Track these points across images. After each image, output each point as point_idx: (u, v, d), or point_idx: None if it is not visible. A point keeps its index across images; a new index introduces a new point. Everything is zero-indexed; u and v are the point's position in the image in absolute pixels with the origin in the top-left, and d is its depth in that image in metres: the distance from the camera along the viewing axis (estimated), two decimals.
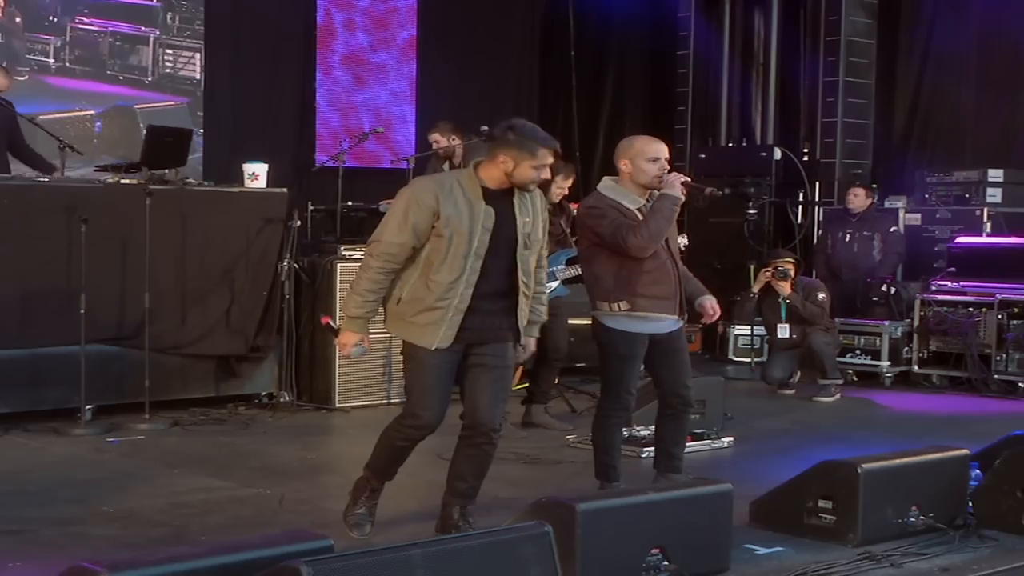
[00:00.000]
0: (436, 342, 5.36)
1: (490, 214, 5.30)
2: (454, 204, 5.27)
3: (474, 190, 5.32)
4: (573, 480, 7.10)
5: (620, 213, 6.08)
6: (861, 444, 8.30)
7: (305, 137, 12.91)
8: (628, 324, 6.15)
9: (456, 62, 13.70)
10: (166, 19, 11.96)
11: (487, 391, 5.51)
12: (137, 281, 8.53)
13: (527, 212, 5.42)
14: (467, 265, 5.30)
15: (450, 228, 5.26)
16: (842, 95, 13.14)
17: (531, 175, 5.33)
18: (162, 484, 6.80)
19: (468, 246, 5.28)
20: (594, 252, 6.21)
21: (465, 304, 5.32)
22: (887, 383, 11.07)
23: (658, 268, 6.14)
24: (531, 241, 5.43)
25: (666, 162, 6.13)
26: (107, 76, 11.62)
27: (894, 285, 11.37)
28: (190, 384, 9.03)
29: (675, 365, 6.33)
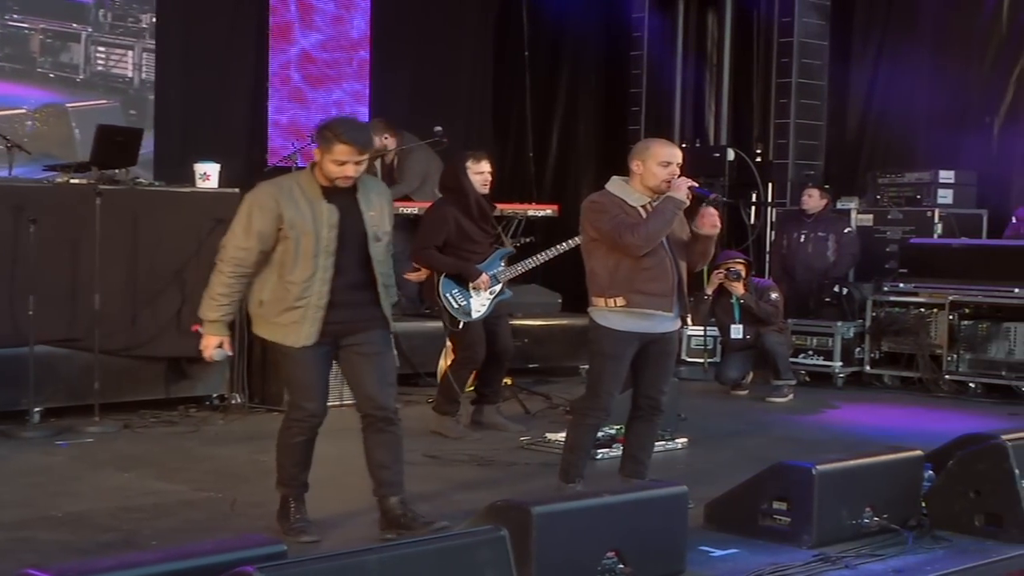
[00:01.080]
0: (301, 340, 5.51)
1: (333, 211, 5.46)
2: (295, 206, 5.43)
3: (313, 190, 5.48)
4: (528, 481, 7.08)
5: (622, 210, 6.08)
6: (815, 445, 8.34)
7: (257, 137, 12.80)
8: (620, 322, 6.13)
9: (410, 61, 13.64)
10: (98, 16, 11.81)
11: (370, 377, 5.66)
12: (87, 282, 8.44)
13: (372, 206, 5.59)
14: (319, 263, 5.45)
15: (295, 230, 5.42)
16: (795, 96, 13.17)
17: (333, 170, 5.43)
18: (112, 488, 6.72)
19: (316, 245, 5.43)
20: (593, 248, 6.20)
21: (324, 300, 5.48)
22: (839, 384, 11.11)
23: (657, 265, 6.12)
24: (381, 233, 5.60)
25: (677, 168, 6.13)
26: (37, 74, 11.42)
27: (846, 286, 11.42)
28: (140, 386, 8.94)
29: (658, 369, 6.30)
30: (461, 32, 14.33)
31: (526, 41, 14.44)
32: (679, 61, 14.14)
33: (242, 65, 12.64)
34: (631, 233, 6.03)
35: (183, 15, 12.13)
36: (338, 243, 5.48)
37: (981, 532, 5.91)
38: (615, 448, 7.55)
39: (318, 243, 5.44)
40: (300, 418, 5.72)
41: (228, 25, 12.51)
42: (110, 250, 8.49)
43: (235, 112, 12.66)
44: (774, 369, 10.35)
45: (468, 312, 8.37)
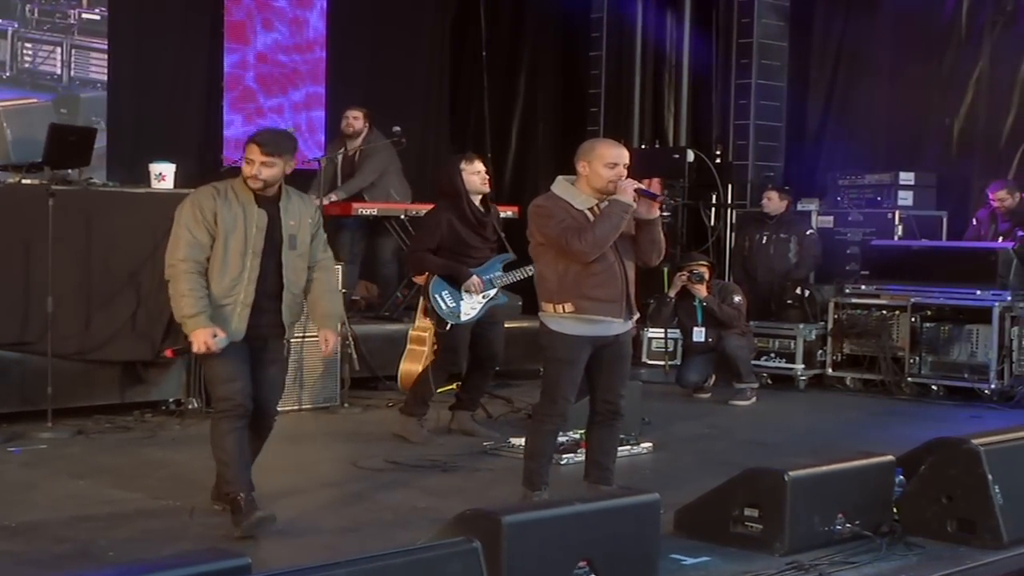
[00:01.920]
0: (232, 336, 5.80)
1: (262, 215, 5.82)
2: (229, 207, 5.79)
3: (246, 194, 5.85)
4: (492, 488, 6.96)
5: (568, 214, 5.96)
6: (780, 449, 8.28)
7: (211, 137, 12.61)
8: (571, 327, 6.02)
9: (367, 62, 13.50)
10: (25, 12, 11.54)
11: (265, 378, 6.01)
12: (39, 284, 8.25)
13: (293, 215, 5.91)
14: (246, 263, 5.80)
15: (226, 229, 5.76)
16: (754, 97, 13.13)
17: (244, 169, 5.86)
18: (66, 496, 6.54)
19: (244, 245, 5.78)
20: (540, 252, 6.09)
21: (250, 299, 5.83)
22: (801, 386, 11.05)
23: (605, 270, 6.01)
24: (297, 243, 5.92)
25: (624, 168, 6.01)
26: None
27: (808, 288, 11.37)
28: (95, 391, 8.75)
29: (613, 372, 6.19)
30: (418, 33, 14.19)
31: (484, 42, 14.34)
32: (638, 62, 14.06)
33: (196, 64, 12.45)
34: (578, 239, 5.91)
35: (135, 12, 11.91)
36: (264, 245, 5.83)
37: (954, 538, 5.84)
38: (579, 453, 7.44)
39: (246, 242, 5.78)
40: (227, 408, 5.89)
41: (181, 23, 12.31)
42: (63, 252, 8.31)
43: (189, 112, 12.46)
44: (735, 372, 10.28)
45: (457, 314, 8.24)
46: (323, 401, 9.46)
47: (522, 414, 9.32)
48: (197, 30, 12.43)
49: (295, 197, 6.03)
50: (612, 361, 6.16)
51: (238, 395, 5.85)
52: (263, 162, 5.77)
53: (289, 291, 5.95)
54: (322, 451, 8.08)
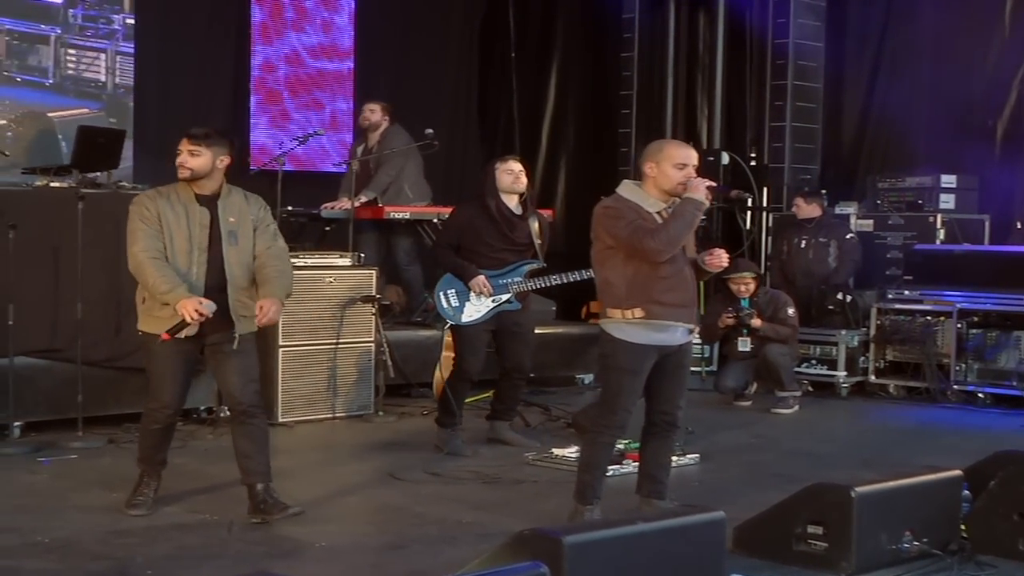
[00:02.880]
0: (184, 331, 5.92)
1: (204, 213, 6.02)
2: (172, 207, 6.01)
3: (188, 195, 6.07)
4: (538, 501, 6.74)
5: (638, 215, 5.76)
6: (829, 460, 8.06)
7: (238, 139, 12.40)
8: (637, 334, 5.82)
9: (395, 63, 13.29)
10: (68, 17, 11.34)
11: (232, 374, 6.13)
12: (68, 290, 8.07)
13: (232, 212, 6.09)
14: (193, 259, 5.99)
15: (170, 228, 5.97)
16: (791, 99, 12.88)
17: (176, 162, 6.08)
18: (100, 509, 6.34)
19: (190, 242, 5.98)
20: (608, 256, 5.88)
21: (200, 295, 5.93)
22: (843, 393, 10.79)
23: (675, 274, 5.82)
24: (238, 238, 6.07)
25: (693, 169, 5.81)
26: (3, 77, 10.92)
27: (850, 293, 11.11)
28: (124, 399, 8.51)
29: (674, 382, 6.01)
30: (447, 34, 14.00)
31: (513, 43, 14.13)
32: (670, 63, 13.80)
33: (222, 67, 12.26)
34: (651, 238, 5.71)
35: (161, 15, 11.73)
36: (209, 241, 6.01)
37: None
38: (625, 464, 7.23)
39: (191, 240, 5.98)
40: (155, 408, 6.19)
41: (207, 26, 12.13)
42: (92, 257, 8.11)
43: (214, 115, 12.23)
44: (777, 380, 10.03)
45: (457, 316, 8.01)
46: (357, 409, 9.25)
47: (560, 423, 9.11)
48: (223, 32, 12.25)
49: (237, 195, 6.19)
50: (674, 371, 5.97)
51: (164, 397, 6.13)
52: (190, 151, 6.00)
53: (233, 285, 6.06)
54: (359, 462, 7.85)
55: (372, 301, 9.27)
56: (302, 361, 9.01)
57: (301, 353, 9.01)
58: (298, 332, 8.98)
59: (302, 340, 9.01)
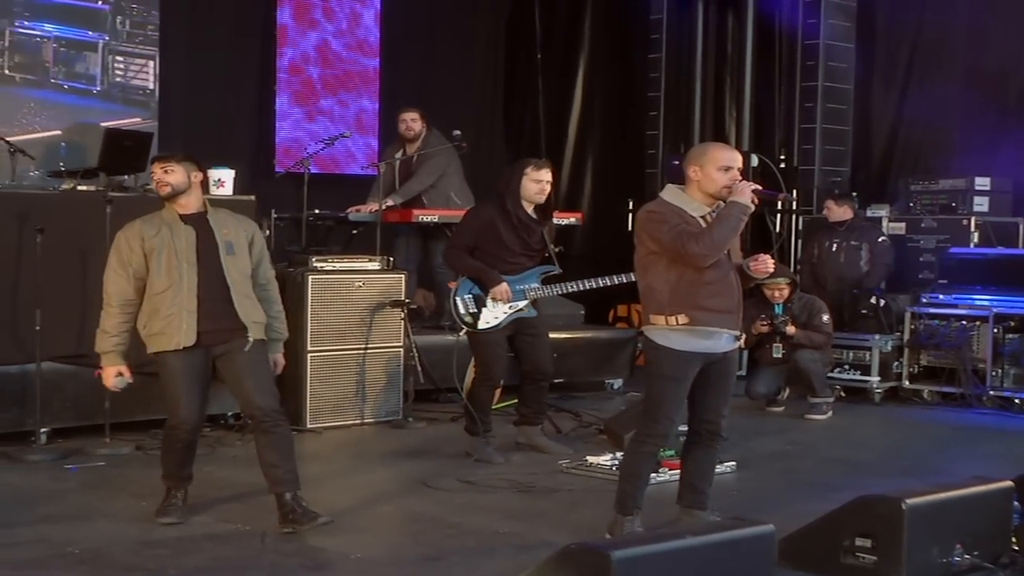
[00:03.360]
0: (182, 341, 6.00)
1: (190, 230, 6.09)
2: (155, 230, 6.09)
3: (171, 217, 6.14)
4: (575, 510, 6.61)
5: (682, 220, 5.64)
6: (868, 468, 7.91)
7: (264, 141, 12.32)
8: (682, 341, 5.68)
9: (420, 64, 13.20)
10: (115, 24, 11.24)
11: (247, 382, 6.09)
12: (95, 295, 7.88)
13: (225, 225, 6.18)
14: (182, 273, 6.01)
15: (156, 248, 6.04)
16: (821, 100, 12.72)
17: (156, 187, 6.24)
18: (130, 519, 6.23)
19: (176, 257, 6.02)
20: (651, 261, 5.74)
21: (193, 305, 6.00)
22: (876, 399, 10.63)
23: (720, 279, 5.69)
24: (235, 248, 6.14)
25: (738, 172, 5.69)
26: (51, 85, 10.82)
27: (884, 297, 10.95)
28: (151, 404, 8.33)
29: (718, 391, 5.88)
30: (472, 34, 13.89)
31: (539, 43, 14.02)
32: (698, 64, 13.65)
33: (247, 68, 12.18)
34: (695, 242, 5.58)
35: (186, 15, 11.64)
36: (197, 255, 6.05)
37: None
38: (662, 472, 7.09)
39: (178, 255, 6.03)
40: (174, 426, 6.15)
41: (232, 26, 12.04)
42: None
43: (240, 117, 12.19)
44: (809, 387, 9.89)
45: (474, 322, 7.87)
46: (386, 415, 9.13)
47: (592, 429, 8.99)
48: (248, 33, 12.17)
49: (225, 214, 6.30)
50: (718, 379, 5.84)
51: (182, 413, 6.09)
52: (163, 168, 6.13)
53: (236, 291, 6.10)
54: (390, 469, 7.73)
55: (401, 305, 9.15)
56: (331, 366, 8.90)
57: (330, 358, 8.89)
58: (327, 337, 8.87)
59: (331, 345, 8.89)
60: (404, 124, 10.59)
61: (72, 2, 10.94)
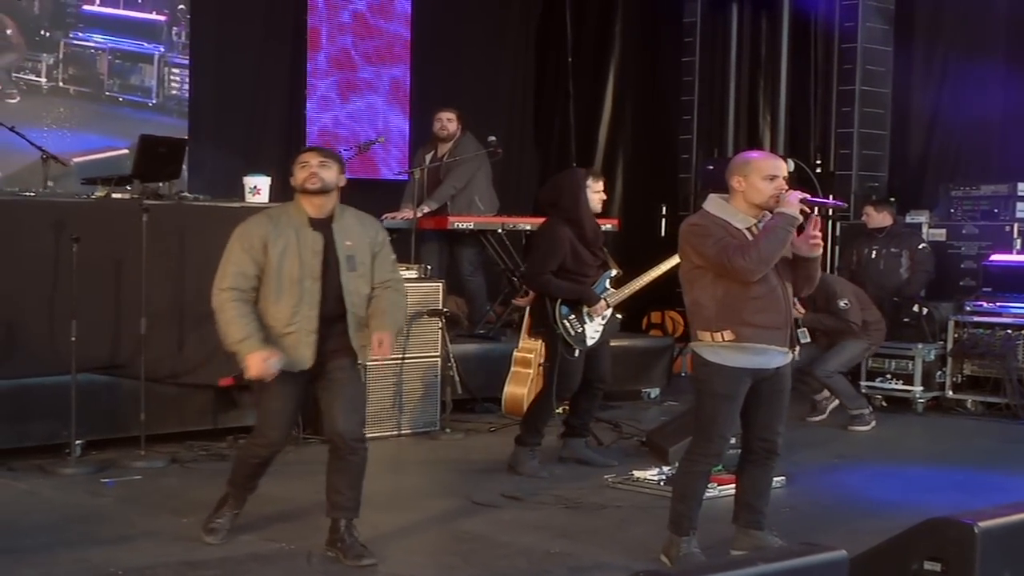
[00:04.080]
0: (300, 363, 5.62)
1: (317, 238, 5.61)
2: (280, 232, 5.59)
3: (300, 217, 5.65)
4: (626, 528, 6.45)
5: (727, 232, 5.46)
6: (921, 483, 7.76)
7: (293, 147, 12.14)
8: (730, 358, 5.51)
9: (450, 67, 13.06)
10: (171, 35, 11.09)
11: (338, 407, 5.72)
12: (131, 304, 7.84)
13: (349, 235, 5.69)
14: (305, 288, 5.57)
15: (278, 255, 5.57)
16: (859, 104, 12.53)
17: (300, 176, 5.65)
18: (172, 538, 6.06)
19: (300, 270, 5.56)
20: (696, 276, 5.57)
21: (314, 326, 5.59)
22: (919, 409, 10.43)
23: (767, 294, 5.50)
24: (356, 263, 5.67)
25: (784, 181, 5.51)
26: (105, 98, 10.69)
27: (926, 305, 10.75)
28: (187, 416, 8.31)
29: (772, 408, 5.70)
30: (502, 39, 13.79)
31: (569, 47, 13.87)
32: (732, 68, 13.48)
33: (277, 74, 12.08)
34: (741, 256, 5.39)
35: (216, 22, 11.50)
36: (322, 269, 5.60)
37: None
38: (710, 488, 6.87)
39: (302, 268, 5.57)
40: (261, 444, 5.89)
41: (262, 32, 11.91)
42: (155, 270, 7.88)
43: (270, 123, 12.05)
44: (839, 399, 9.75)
45: (584, 340, 7.76)
46: (423, 426, 8.97)
47: (634, 440, 8.82)
48: (279, 38, 12.05)
49: (351, 217, 5.80)
50: (771, 396, 5.66)
51: (273, 434, 5.82)
52: (320, 161, 5.65)
53: (353, 313, 5.70)
54: (432, 483, 7.59)
55: (439, 315, 9.00)
56: (367, 377, 8.73)
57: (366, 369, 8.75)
58: None
59: None
60: (439, 123, 10.46)
61: (128, 14, 10.82)
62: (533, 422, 7.81)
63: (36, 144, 8.62)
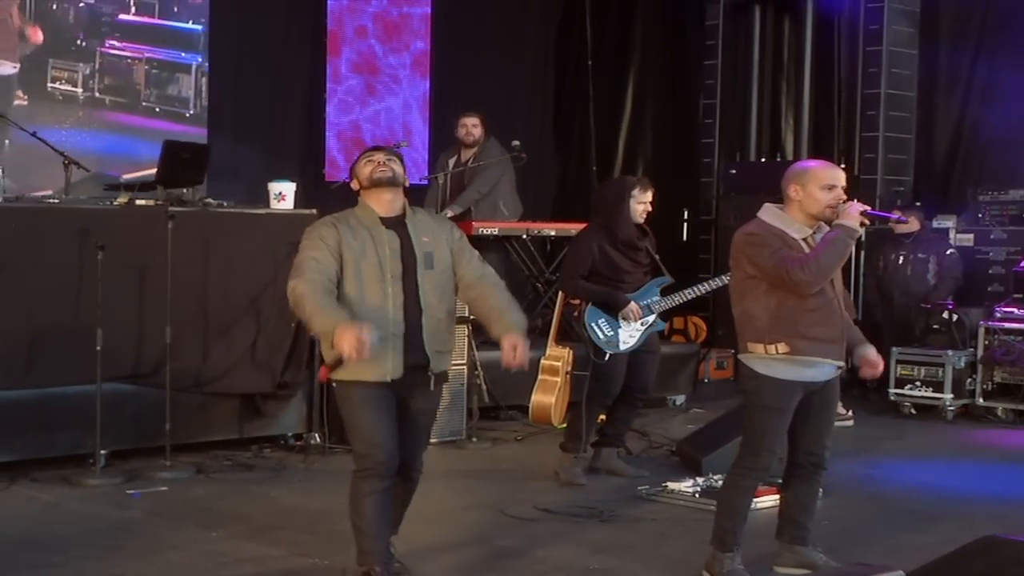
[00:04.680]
0: (388, 372, 5.12)
1: (393, 236, 5.20)
2: (354, 233, 5.17)
3: (370, 218, 5.23)
4: (663, 543, 6.33)
5: (783, 242, 5.33)
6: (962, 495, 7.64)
7: (314, 151, 12.08)
8: (783, 370, 5.39)
9: (470, 71, 12.93)
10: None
11: (410, 434, 5.32)
12: (155, 313, 7.73)
13: (425, 231, 5.28)
14: (387, 290, 5.15)
15: (355, 256, 5.13)
16: (884, 108, 12.38)
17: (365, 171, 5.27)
18: (202, 552, 5.95)
19: (380, 269, 5.14)
20: (749, 286, 5.44)
21: (401, 329, 5.14)
22: (949, 417, 10.29)
23: (823, 307, 5.38)
24: (434, 261, 5.25)
25: (842, 191, 5.39)
26: (142, 108, 10.56)
27: (956, 312, 10.61)
28: (212, 425, 8.20)
29: (820, 421, 5.58)
30: (522, 42, 13.66)
31: (590, 50, 13.74)
32: (755, 71, 13.34)
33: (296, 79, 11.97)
34: (800, 268, 5.27)
35: (235, 26, 11.38)
36: (402, 268, 5.17)
37: None
38: None
39: (381, 267, 5.14)
40: (368, 466, 5.18)
41: (282, 37, 11.81)
42: (180, 277, 7.78)
43: (289, 128, 11.94)
44: None
45: (616, 343, 7.68)
46: (449, 435, 8.84)
47: (663, 450, 8.70)
48: (297, 44, 11.94)
49: (423, 213, 5.44)
50: (821, 408, 5.54)
51: (380, 452, 5.13)
52: (387, 156, 5.29)
53: (429, 316, 5.21)
54: (463, 495, 7.45)
55: (465, 322, 8.87)
56: None
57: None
58: None
59: None
60: (464, 129, 10.35)
61: (164, 23, 10.70)
62: (572, 428, 7.76)
63: (58, 149, 8.50)
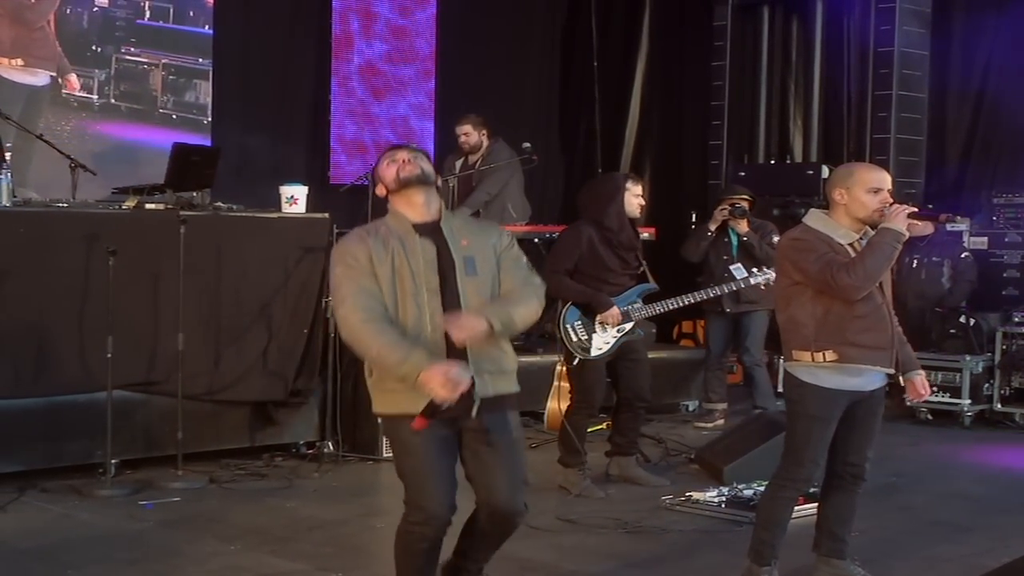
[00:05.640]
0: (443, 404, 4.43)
1: (428, 245, 4.63)
2: (384, 245, 4.61)
3: (402, 225, 4.67)
4: (692, 555, 6.18)
5: (829, 247, 5.20)
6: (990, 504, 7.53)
7: (319, 154, 11.92)
8: (829, 379, 5.25)
9: (475, 73, 12.78)
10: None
11: (496, 467, 4.64)
12: (167, 319, 7.59)
13: (464, 234, 4.72)
14: (422, 303, 4.57)
15: (388, 272, 4.59)
16: (895, 110, 12.25)
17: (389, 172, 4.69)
18: (222, 568, 5.80)
19: (415, 282, 4.58)
20: (795, 292, 5.30)
21: (441, 350, 4.51)
22: (967, 423, 10.15)
23: (872, 312, 5.24)
24: (476, 266, 4.66)
25: (889, 194, 5.26)
26: (159, 115, 10.41)
27: (973, 316, 10.47)
28: (223, 433, 8.05)
29: (864, 430, 5.45)
30: (527, 44, 13.53)
31: (595, 51, 13.61)
32: (763, 72, 13.20)
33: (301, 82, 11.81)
34: (847, 273, 5.13)
35: (241, 29, 11.22)
36: (440, 279, 4.61)
37: None
38: None
39: (415, 279, 4.58)
40: (418, 523, 4.60)
41: (287, 40, 11.65)
42: (191, 283, 7.63)
43: (295, 130, 11.78)
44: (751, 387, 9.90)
45: (587, 348, 7.46)
46: None
47: (682, 457, 8.56)
48: (302, 46, 11.78)
49: (462, 219, 4.98)
50: (865, 418, 5.41)
51: (428, 503, 4.55)
52: (413, 155, 4.72)
53: None
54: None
55: None
56: None
57: None
58: None
59: None
60: (460, 137, 10.23)
61: (182, 27, 10.53)
62: (565, 443, 7.56)
63: (64, 152, 8.34)
